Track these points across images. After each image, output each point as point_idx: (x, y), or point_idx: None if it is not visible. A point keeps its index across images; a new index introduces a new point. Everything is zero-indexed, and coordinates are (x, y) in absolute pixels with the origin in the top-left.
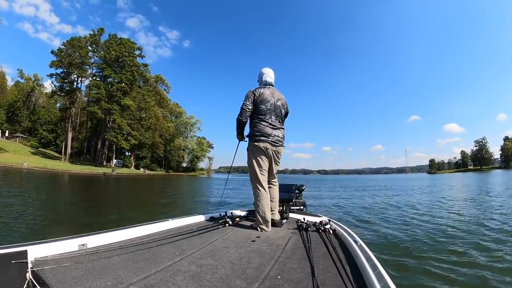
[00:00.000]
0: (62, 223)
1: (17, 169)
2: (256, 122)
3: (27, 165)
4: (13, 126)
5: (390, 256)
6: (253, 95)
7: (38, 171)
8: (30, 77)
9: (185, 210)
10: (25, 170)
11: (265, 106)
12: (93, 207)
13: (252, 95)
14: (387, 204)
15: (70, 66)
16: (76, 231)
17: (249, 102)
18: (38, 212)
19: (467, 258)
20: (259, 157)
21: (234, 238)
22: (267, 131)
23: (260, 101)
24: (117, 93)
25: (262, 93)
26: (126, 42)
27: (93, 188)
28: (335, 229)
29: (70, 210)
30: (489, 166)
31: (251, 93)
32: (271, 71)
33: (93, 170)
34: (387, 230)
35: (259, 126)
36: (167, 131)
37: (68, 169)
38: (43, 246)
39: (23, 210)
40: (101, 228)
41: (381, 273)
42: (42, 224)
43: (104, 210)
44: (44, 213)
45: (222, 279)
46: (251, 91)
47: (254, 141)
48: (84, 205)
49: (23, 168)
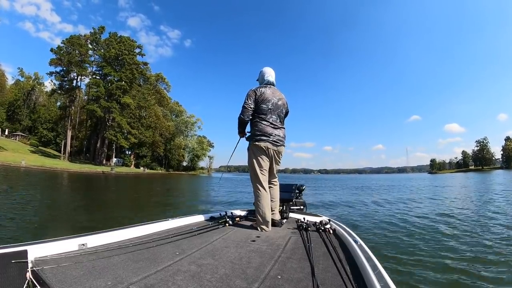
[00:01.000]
0: (53, 223)
1: (15, 168)
2: (257, 121)
3: (25, 164)
4: (14, 124)
5: (390, 256)
6: (255, 94)
7: (36, 170)
8: (30, 75)
9: (180, 213)
10: (23, 169)
11: (266, 106)
12: (85, 206)
13: (253, 94)
14: (388, 204)
15: (69, 64)
16: (73, 231)
17: (250, 101)
18: (25, 211)
19: (468, 259)
20: (260, 157)
21: (234, 238)
22: (268, 131)
23: (261, 100)
24: (117, 91)
25: (263, 92)
26: (126, 40)
27: (88, 187)
28: (335, 229)
29: (60, 209)
30: (490, 166)
31: (252, 92)
32: (272, 70)
33: (91, 168)
34: (387, 230)
35: (260, 126)
36: (167, 129)
37: (67, 167)
38: (43, 245)
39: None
40: (91, 227)
41: (381, 273)
42: (33, 223)
43: (95, 209)
44: (34, 212)
45: (222, 279)
46: (252, 90)
47: (255, 140)
48: (76, 205)
49: (21, 167)
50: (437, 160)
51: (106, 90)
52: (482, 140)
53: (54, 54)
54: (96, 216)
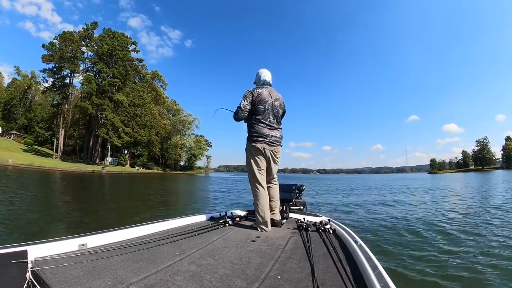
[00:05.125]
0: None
1: (1, 166)
2: (254, 123)
3: (12, 162)
4: (9, 123)
5: (391, 256)
6: (251, 95)
7: (22, 169)
8: (27, 74)
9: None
10: (10, 167)
11: (263, 106)
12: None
13: (250, 95)
14: (388, 204)
15: (61, 60)
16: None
17: (247, 102)
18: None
19: (468, 259)
20: (257, 157)
21: (234, 238)
22: (264, 132)
23: (258, 101)
24: (109, 88)
25: (260, 93)
26: (120, 36)
27: (63, 186)
28: (335, 229)
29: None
30: (490, 166)
31: (249, 93)
32: (268, 71)
33: (81, 168)
34: (388, 230)
35: (256, 128)
36: (164, 128)
37: (55, 166)
38: (43, 246)
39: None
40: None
41: (381, 273)
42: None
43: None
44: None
45: (222, 279)
46: (249, 91)
47: (252, 141)
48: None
49: (7, 165)
50: (437, 160)
51: (98, 87)
52: (483, 140)
53: (46, 50)
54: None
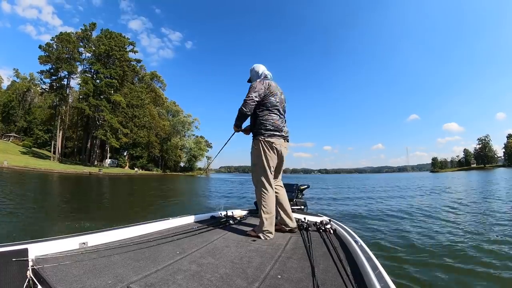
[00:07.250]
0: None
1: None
2: (267, 115)
3: (7, 164)
4: (8, 126)
5: (391, 257)
6: (263, 86)
7: (17, 171)
8: (26, 76)
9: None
10: (5, 169)
11: (274, 99)
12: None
13: (262, 86)
14: (388, 204)
15: (58, 61)
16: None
17: (257, 94)
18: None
19: (468, 259)
20: (270, 154)
21: (234, 238)
22: (279, 125)
23: (269, 93)
24: (106, 88)
25: (270, 85)
26: (117, 36)
27: (53, 188)
28: (335, 229)
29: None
30: (492, 164)
31: (260, 83)
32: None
33: (78, 169)
34: (388, 230)
35: (270, 120)
36: (163, 129)
37: (51, 168)
38: (44, 244)
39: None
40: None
41: (381, 273)
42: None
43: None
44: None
45: (222, 278)
46: (260, 82)
47: (268, 136)
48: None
49: (2, 167)
50: (438, 159)
51: (95, 88)
52: (484, 138)
53: (43, 51)
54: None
